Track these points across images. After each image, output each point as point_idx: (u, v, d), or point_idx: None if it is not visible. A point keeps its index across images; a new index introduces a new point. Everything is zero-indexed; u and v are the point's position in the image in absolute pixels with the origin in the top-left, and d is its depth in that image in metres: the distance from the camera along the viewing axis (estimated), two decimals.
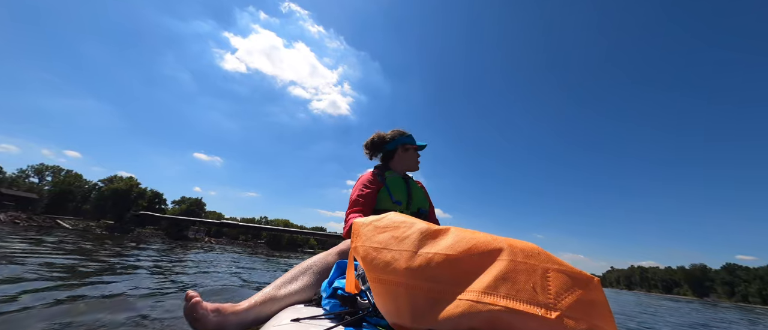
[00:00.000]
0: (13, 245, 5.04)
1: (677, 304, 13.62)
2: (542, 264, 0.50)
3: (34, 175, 41.74)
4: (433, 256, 0.61)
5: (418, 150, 1.71)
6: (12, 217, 27.06)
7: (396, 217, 0.76)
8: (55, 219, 30.08)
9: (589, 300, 0.45)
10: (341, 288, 0.82)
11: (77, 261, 3.80)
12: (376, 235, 0.71)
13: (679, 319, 6.39)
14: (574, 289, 0.46)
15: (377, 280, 0.64)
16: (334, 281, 0.88)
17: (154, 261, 4.90)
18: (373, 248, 0.68)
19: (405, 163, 1.67)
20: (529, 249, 0.54)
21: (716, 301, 66.54)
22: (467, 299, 0.52)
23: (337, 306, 0.80)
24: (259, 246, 43.81)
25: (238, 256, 10.23)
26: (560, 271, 0.49)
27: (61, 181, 38.43)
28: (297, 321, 0.74)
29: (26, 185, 39.22)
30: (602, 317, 0.45)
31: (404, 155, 1.67)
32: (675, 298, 52.62)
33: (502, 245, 0.57)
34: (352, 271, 0.78)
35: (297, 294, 0.98)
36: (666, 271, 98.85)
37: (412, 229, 0.69)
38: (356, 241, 0.72)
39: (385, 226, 0.73)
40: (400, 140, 1.67)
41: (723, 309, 16.37)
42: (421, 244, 0.65)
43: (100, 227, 31.00)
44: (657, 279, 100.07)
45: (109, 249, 6.55)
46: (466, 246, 0.60)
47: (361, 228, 0.75)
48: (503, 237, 0.60)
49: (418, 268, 0.61)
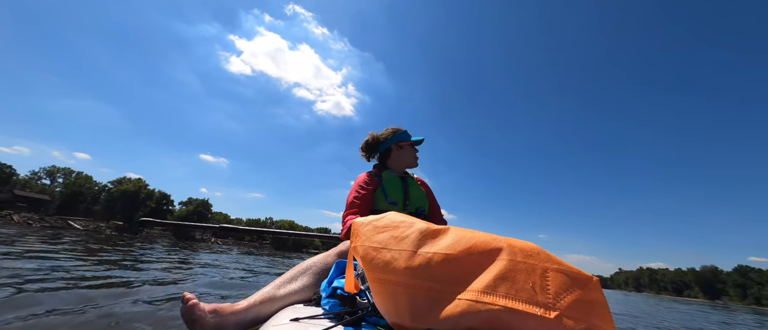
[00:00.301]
0: (32, 245, 5.16)
1: (688, 307, 13.35)
2: (542, 264, 0.50)
3: (46, 177, 42.69)
4: (432, 256, 0.60)
5: (413, 146, 1.67)
6: (25, 218, 27.70)
7: (395, 216, 0.75)
8: (66, 220, 30.71)
9: (588, 300, 0.45)
10: (341, 288, 0.82)
11: (83, 263, 3.86)
12: (376, 235, 0.71)
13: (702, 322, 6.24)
14: (573, 288, 0.45)
15: (377, 279, 0.64)
16: (334, 281, 0.88)
17: (159, 262, 4.96)
18: (372, 248, 0.68)
19: (402, 161, 1.64)
20: (529, 248, 0.54)
21: (728, 303, 65.01)
22: (467, 299, 0.52)
23: (337, 306, 0.80)
24: (264, 246, 44.13)
25: (242, 256, 10.31)
26: (559, 270, 0.48)
27: (72, 182, 39.24)
28: (296, 321, 0.74)
29: (38, 187, 40.10)
30: (601, 317, 0.44)
31: (400, 153, 1.64)
32: (686, 300, 51.56)
33: (502, 245, 0.56)
34: (351, 270, 0.78)
35: (296, 294, 0.98)
36: (676, 273, 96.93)
37: (412, 229, 0.69)
38: (356, 241, 0.72)
39: (385, 225, 0.73)
40: (394, 139, 1.64)
41: (735, 313, 15.97)
42: (421, 243, 0.64)
43: (110, 228, 31.58)
44: (666, 281, 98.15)
45: (117, 250, 6.66)
46: (466, 245, 0.59)
47: (360, 228, 0.75)
48: (503, 237, 0.60)
49: (418, 267, 0.60)
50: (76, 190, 37.38)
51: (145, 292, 2.25)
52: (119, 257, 4.96)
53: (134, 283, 2.55)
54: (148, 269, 3.58)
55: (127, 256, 5.25)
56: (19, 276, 2.31)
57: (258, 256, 12.27)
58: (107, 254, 5.17)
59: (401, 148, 1.64)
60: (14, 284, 2.04)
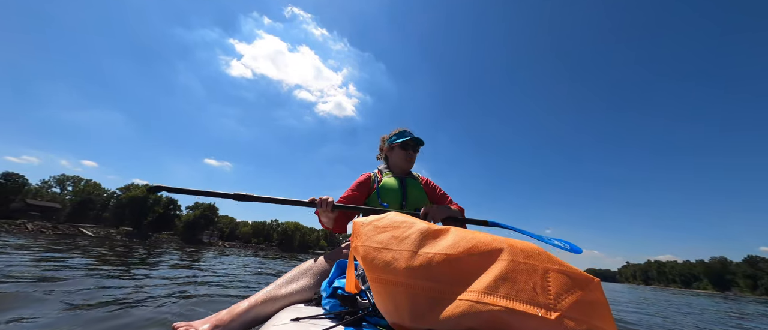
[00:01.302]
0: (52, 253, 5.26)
1: (697, 300, 13.10)
2: (542, 264, 0.49)
3: (56, 186, 43.44)
4: (433, 256, 0.60)
5: (402, 148, 1.65)
6: (38, 226, 28.31)
7: (396, 216, 0.75)
8: (78, 227, 31.29)
9: (589, 301, 0.44)
10: (341, 287, 0.82)
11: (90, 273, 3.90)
12: (377, 235, 0.71)
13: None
14: (574, 289, 0.45)
15: (377, 279, 0.64)
16: (334, 281, 0.88)
17: (166, 269, 5.02)
18: (373, 248, 0.68)
19: (395, 163, 1.66)
20: (530, 249, 0.53)
21: (738, 295, 63.90)
22: (467, 299, 0.51)
23: (337, 306, 0.80)
24: (271, 248, 44.47)
25: (249, 259, 10.40)
26: (560, 271, 0.48)
27: (81, 190, 39.92)
28: (297, 320, 0.74)
29: (49, 195, 40.84)
30: (602, 318, 0.43)
31: (392, 155, 1.67)
32: (695, 292, 50.78)
33: (503, 245, 0.56)
34: (352, 270, 0.78)
35: (297, 294, 0.99)
36: (684, 265, 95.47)
37: (413, 229, 0.68)
38: (356, 241, 0.72)
39: (386, 225, 0.72)
40: (389, 140, 1.70)
41: (745, 303, 15.67)
42: (422, 243, 0.64)
43: (120, 234, 32.13)
44: (675, 273, 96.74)
45: (127, 256, 6.75)
46: (467, 246, 0.59)
47: (361, 228, 0.75)
48: (503, 237, 0.60)
49: (419, 267, 0.60)
50: (86, 198, 38.04)
51: (147, 304, 2.06)
52: (125, 264, 5.03)
53: (134, 291, 2.44)
54: (148, 278, 3.48)
55: (131, 264, 5.31)
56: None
57: (265, 258, 12.36)
58: (115, 261, 5.25)
59: (392, 150, 1.67)
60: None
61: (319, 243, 62.29)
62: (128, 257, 6.24)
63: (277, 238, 53.40)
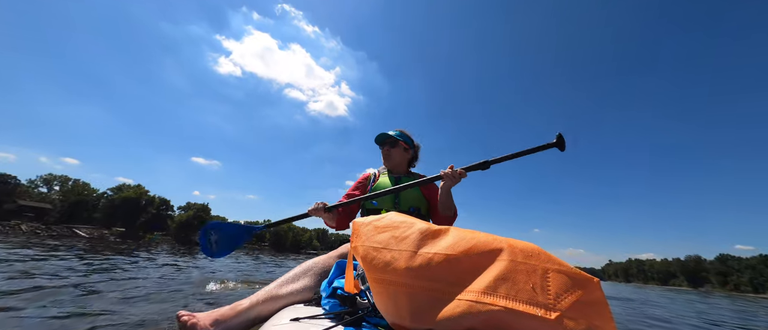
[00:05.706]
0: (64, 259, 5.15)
1: (675, 294, 13.46)
2: (542, 264, 0.50)
3: (43, 185, 42.41)
4: (433, 256, 0.60)
5: (381, 147, 1.67)
6: (32, 227, 27.68)
7: (396, 216, 0.75)
8: (71, 228, 30.68)
9: (588, 300, 0.45)
10: (341, 288, 0.82)
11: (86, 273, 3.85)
12: (376, 235, 0.71)
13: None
14: (574, 289, 0.45)
15: (377, 279, 0.64)
16: (334, 281, 0.88)
17: (161, 268, 4.95)
18: (372, 248, 0.68)
19: (387, 163, 1.66)
20: (529, 249, 0.54)
21: (710, 291, 65.73)
22: (467, 299, 0.52)
23: (337, 306, 0.80)
24: (263, 248, 44.08)
25: (242, 258, 10.30)
26: (560, 271, 0.48)
27: (71, 190, 39.06)
28: (297, 320, 0.74)
29: (36, 195, 39.87)
30: (602, 318, 0.44)
31: (383, 154, 1.67)
32: (671, 289, 51.91)
33: (502, 245, 0.56)
34: (351, 270, 0.78)
35: (298, 293, 0.99)
36: (662, 263, 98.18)
37: (412, 229, 0.69)
38: (356, 241, 0.72)
39: (385, 225, 0.73)
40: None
41: (715, 298, 16.30)
42: (421, 243, 0.65)
43: (113, 235, 31.58)
44: (654, 271, 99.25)
45: (126, 255, 6.67)
46: (467, 246, 0.59)
47: (360, 228, 0.75)
48: (503, 237, 0.60)
49: (418, 267, 0.60)
50: (79, 199, 37.23)
51: (140, 303, 2.06)
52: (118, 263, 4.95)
53: (131, 293, 2.41)
54: (142, 278, 3.45)
55: (124, 263, 5.23)
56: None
57: (257, 258, 12.24)
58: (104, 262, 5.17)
59: (380, 149, 1.68)
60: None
61: (312, 243, 62.00)
62: (127, 257, 6.29)
63: (270, 238, 52.96)
